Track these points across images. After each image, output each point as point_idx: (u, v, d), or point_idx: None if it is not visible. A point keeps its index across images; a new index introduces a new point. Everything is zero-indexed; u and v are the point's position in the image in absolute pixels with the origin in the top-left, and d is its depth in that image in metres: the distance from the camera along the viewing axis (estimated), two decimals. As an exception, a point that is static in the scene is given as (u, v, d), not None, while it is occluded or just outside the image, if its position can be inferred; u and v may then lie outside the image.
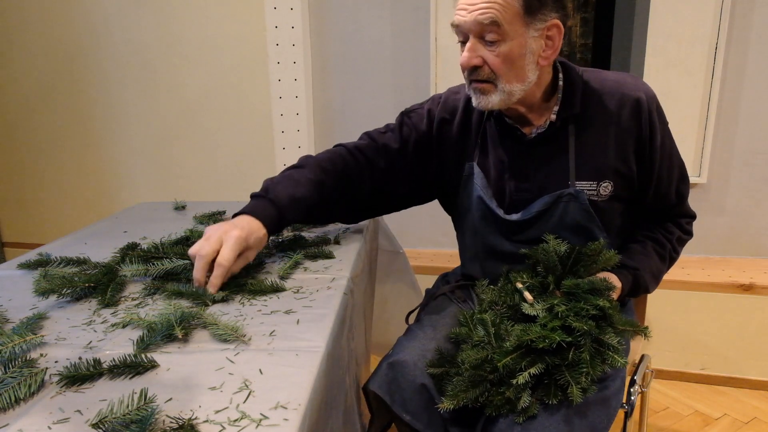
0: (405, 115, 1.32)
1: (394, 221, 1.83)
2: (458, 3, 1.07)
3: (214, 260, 1.03)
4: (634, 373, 1.32)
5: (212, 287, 1.02)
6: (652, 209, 1.24)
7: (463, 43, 1.09)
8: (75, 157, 2.81)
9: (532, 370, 0.95)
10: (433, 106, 1.30)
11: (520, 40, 1.04)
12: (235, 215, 1.15)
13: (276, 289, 1.06)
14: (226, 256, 1.02)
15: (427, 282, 1.52)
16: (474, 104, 1.14)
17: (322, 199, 1.23)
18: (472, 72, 1.10)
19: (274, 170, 2.48)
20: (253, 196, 1.20)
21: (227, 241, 1.04)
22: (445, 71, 2.22)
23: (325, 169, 1.24)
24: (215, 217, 1.61)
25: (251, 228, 1.10)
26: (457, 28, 1.09)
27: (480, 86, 1.10)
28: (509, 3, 1.02)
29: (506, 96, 1.09)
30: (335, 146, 1.32)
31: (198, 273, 1.02)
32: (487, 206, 1.23)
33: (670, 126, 1.21)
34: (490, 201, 1.22)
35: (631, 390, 1.28)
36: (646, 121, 1.14)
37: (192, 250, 1.05)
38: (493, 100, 1.10)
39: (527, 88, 1.10)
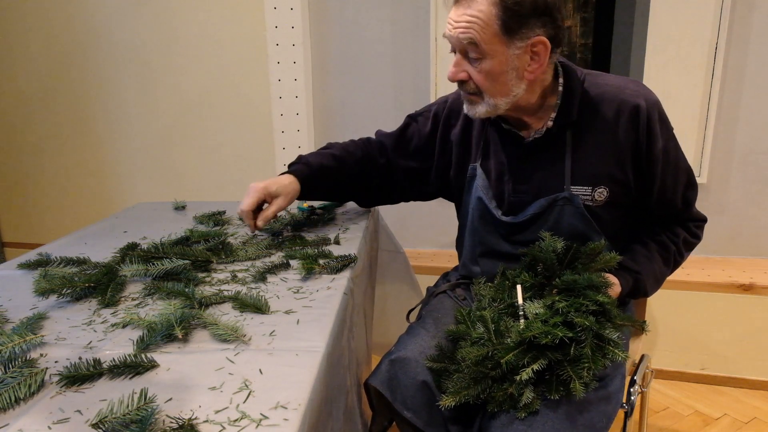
0: (412, 118, 1.41)
1: (394, 221, 1.83)
2: (449, 15, 1.10)
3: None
4: (634, 373, 1.32)
5: (251, 229, 1.33)
6: (657, 215, 1.24)
7: (455, 53, 1.13)
8: (75, 157, 2.80)
9: (535, 366, 0.95)
10: (440, 109, 1.36)
11: (500, 58, 1.07)
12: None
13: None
14: (243, 204, 1.30)
15: (428, 282, 1.52)
16: (465, 112, 1.20)
17: (342, 174, 1.40)
18: (461, 85, 1.15)
19: (274, 170, 2.49)
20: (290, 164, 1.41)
21: (247, 192, 1.31)
22: (444, 71, 2.21)
23: (347, 150, 1.41)
24: (215, 217, 1.61)
25: (276, 179, 1.32)
26: (447, 39, 1.12)
27: (468, 97, 1.16)
28: (488, 23, 1.04)
29: (492, 108, 1.14)
30: (359, 139, 1.46)
31: (248, 222, 1.32)
32: (485, 206, 1.24)
33: (669, 127, 1.20)
34: (489, 202, 1.24)
35: (631, 390, 1.27)
36: (644, 129, 1.13)
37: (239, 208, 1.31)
38: (480, 110, 1.15)
39: (513, 101, 1.13)
